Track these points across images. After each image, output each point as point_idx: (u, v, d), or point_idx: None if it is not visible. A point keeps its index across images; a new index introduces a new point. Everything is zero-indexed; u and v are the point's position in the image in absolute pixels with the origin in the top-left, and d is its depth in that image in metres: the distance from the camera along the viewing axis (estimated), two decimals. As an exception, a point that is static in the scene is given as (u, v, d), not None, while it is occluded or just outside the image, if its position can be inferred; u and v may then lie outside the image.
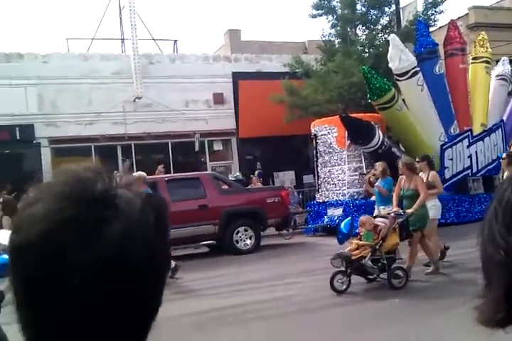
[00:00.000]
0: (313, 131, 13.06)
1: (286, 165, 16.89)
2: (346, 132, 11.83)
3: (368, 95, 12.19)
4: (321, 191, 12.53)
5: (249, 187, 12.32)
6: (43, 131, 14.99)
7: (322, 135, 12.73)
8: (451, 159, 11.82)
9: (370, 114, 12.44)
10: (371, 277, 6.31)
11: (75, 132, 15.04)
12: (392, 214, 6.51)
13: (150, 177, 11.05)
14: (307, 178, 16.11)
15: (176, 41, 19.13)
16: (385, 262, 6.10)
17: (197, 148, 15.96)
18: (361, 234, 6.40)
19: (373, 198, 10.35)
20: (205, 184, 10.15)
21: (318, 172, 12.85)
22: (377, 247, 6.15)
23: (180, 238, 8.79)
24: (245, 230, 9.79)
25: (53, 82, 14.95)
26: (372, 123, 11.67)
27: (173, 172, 13.35)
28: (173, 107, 16.16)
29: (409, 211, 6.52)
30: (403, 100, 12.29)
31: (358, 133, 11.53)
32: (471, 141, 12.16)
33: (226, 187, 10.73)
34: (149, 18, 49.69)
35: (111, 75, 15.75)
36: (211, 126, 16.49)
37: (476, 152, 12.07)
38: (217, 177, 11.04)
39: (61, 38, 60.45)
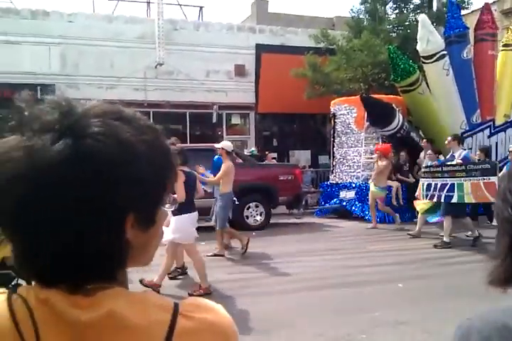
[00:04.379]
0: (332, 110, 12.93)
1: (303, 143, 16.83)
2: (365, 113, 11.70)
3: (392, 76, 11.99)
4: (336, 172, 12.49)
5: (264, 163, 12.34)
6: (64, 91, 15.04)
7: (341, 115, 12.61)
8: (471, 148, 11.67)
9: (392, 96, 12.26)
10: None
11: (95, 95, 15.05)
12: None
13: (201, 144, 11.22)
14: (323, 159, 16.05)
15: (201, 8, 18.86)
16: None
17: (215, 120, 15.93)
18: None
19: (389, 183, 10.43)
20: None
21: (334, 152, 12.79)
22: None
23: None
24: (256, 206, 9.85)
25: (77, 42, 14.90)
26: (394, 105, 11.51)
27: (190, 143, 13.40)
28: (194, 76, 16.07)
29: None
30: (427, 84, 12.06)
31: (377, 114, 11.39)
32: (492, 131, 11.95)
33: (240, 161, 10.75)
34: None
35: (134, 39, 15.64)
36: (230, 98, 16.40)
37: (496, 143, 11.89)
38: (232, 151, 11.05)
39: (86, -3, 59.61)
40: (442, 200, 8.13)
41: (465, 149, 9.01)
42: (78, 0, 49.33)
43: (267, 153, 14.20)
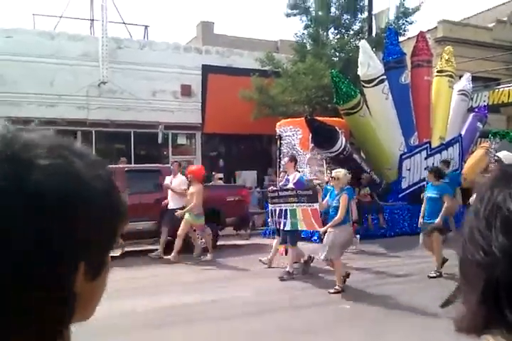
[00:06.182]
0: (278, 132, 13.13)
1: (250, 164, 16.91)
2: (310, 135, 11.95)
3: (335, 99, 12.35)
4: (281, 192, 12.61)
5: (211, 184, 12.27)
6: (1, 109, 14.41)
7: (287, 136, 12.82)
8: (409, 169, 12.17)
9: (335, 119, 12.62)
10: None
11: (35, 113, 14.51)
12: None
13: (146, 165, 11.02)
14: (269, 179, 16.17)
15: (146, 27, 18.78)
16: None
17: (160, 140, 15.75)
18: None
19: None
20: (164, 177, 10.03)
21: (280, 173, 12.92)
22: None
23: (136, 232, 8.69)
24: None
25: (15, 58, 14.38)
26: (337, 128, 11.83)
27: (134, 163, 13.16)
28: (139, 95, 15.88)
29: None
30: (368, 107, 12.52)
31: (321, 137, 11.65)
32: (429, 153, 12.54)
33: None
34: (121, 1, 48.40)
35: (77, 57, 15.31)
36: (177, 118, 16.31)
37: (433, 164, 12.45)
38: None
39: (27, 14, 57.92)
40: (282, 227, 7.74)
41: (299, 171, 8.75)
42: (17, 16, 47.94)
43: (213, 173, 14.15)
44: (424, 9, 40.40)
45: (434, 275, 7.19)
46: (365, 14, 16.50)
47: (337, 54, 16.31)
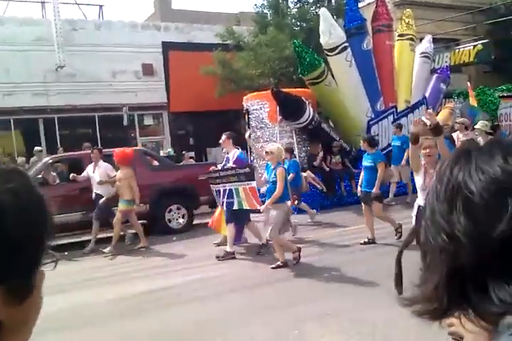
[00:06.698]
0: (245, 106, 12.99)
1: (219, 140, 16.75)
2: (278, 107, 11.89)
3: (299, 70, 12.27)
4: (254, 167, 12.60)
5: (182, 163, 12.16)
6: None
7: (254, 110, 12.70)
8: (377, 134, 12.27)
9: (301, 89, 12.54)
10: None
11: (-9, 104, 14.04)
12: None
13: (73, 153, 10.63)
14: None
15: (101, 7, 18.25)
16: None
17: (126, 123, 15.47)
18: None
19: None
20: (134, 160, 9.88)
21: (250, 148, 12.89)
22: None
23: (62, 225, 8.45)
24: (178, 208, 9.68)
25: (-36, 47, 13.77)
26: (303, 98, 11.79)
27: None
28: (99, 78, 15.46)
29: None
30: (332, 76, 12.48)
31: (289, 109, 11.61)
32: (395, 117, 12.65)
33: (156, 163, 10.53)
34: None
35: (30, 42, 14.74)
36: (141, 99, 15.99)
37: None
38: (146, 153, 10.81)
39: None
40: (225, 208, 7.39)
41: (238, 148, 8.12)
42: (-38, 0, 45.52)
43: (183, 153, 14.01)
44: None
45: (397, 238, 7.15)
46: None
47: (298, 24, 16.13)
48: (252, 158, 12.83)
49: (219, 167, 7.98)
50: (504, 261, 0.57)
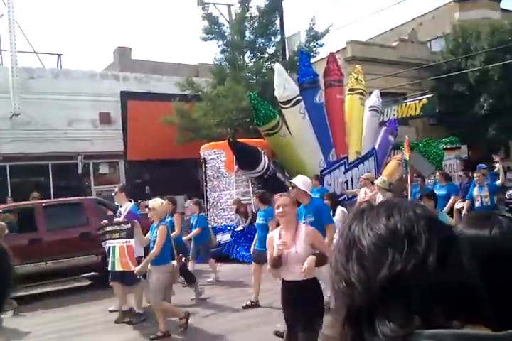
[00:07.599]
0: (202, 155, 13.18)
1: (177, 189, 16.74)
2: (234, 157, 12.12)
3: (255, 121, 12.65)
4: (210, 216, 12.61)
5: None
6: None
7: (211, 159, 12.89)
8: (330, 184, 12.63)
9: (257, 140, 12.89)
10: None
11: None
12: None
13: (24, 202, 10.35)
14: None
15: (60, 55, 18.37)
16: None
17: (80, 171, 15.28)
18: None
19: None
20: (88, 210, 9.74)
21: (207, 197, 12.95)
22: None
23: (60, 270, 8.31)
24: (135, 257, 9.47)
25: None
26: (259, 148, 12.09)
27: (54, 197, 12.62)
28: (55, 126, 15.38)
29: None
30: (287, 127, 12.92)
31: (245, 159, 11.86)
32: (347, 167, 13.11)
33: (111, 213, 10.36)
34: (31, 30, 46.88)
35: (-15, 89, 14.60)
36: (97, 147, 15.93)
37: (351, 178, 13.04)
38: (101, 203, 10.66)
39: None
40: (109, 268, 6.72)
41: (131, 201, 7.72)
42: None
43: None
44: (335, 29, 42.65)
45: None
46: (279, 38, 17.14)
47: (254, 77, 16.75)
48: (208, 207, 12.87)
49: (118, 219, 7.25)
50: (385, 301, 0.70)
